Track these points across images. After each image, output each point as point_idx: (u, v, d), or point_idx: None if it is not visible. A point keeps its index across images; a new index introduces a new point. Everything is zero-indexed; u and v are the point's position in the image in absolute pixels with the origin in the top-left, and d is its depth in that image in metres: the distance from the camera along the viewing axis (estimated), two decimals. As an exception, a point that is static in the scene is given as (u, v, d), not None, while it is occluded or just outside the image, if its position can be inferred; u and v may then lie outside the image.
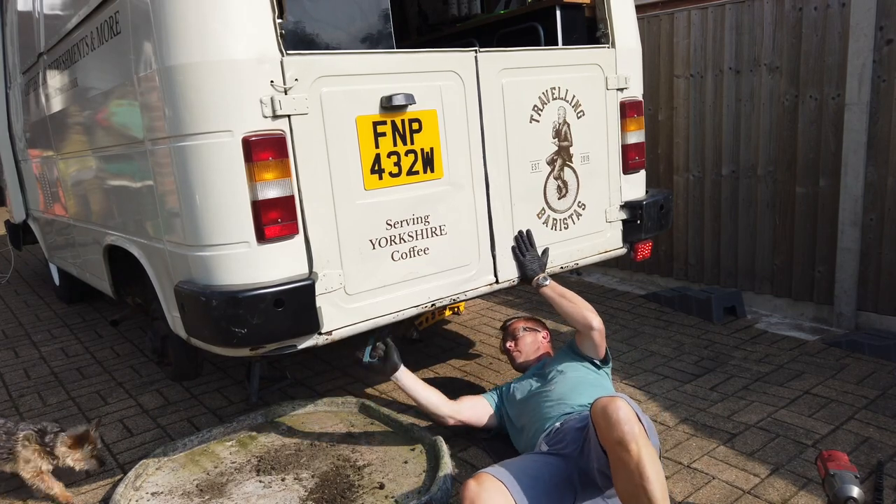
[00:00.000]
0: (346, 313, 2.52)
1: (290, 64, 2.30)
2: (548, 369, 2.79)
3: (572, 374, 2.67)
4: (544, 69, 3.00)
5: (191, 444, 2.92)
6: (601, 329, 2.70)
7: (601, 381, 2.69)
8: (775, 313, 4.25)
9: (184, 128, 2.27)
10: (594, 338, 2.70)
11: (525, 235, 3.02)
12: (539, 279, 2.95)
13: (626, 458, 1.83)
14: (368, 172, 2.53)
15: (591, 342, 2.72)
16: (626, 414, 1.86)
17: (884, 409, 2.96)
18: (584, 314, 2.72)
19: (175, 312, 2.58)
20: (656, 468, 1.82)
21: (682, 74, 4.48)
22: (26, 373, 4.11)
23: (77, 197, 3.86)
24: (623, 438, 1.83)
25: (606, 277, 5.32)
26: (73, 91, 3.37)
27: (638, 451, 1.81)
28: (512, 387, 2.85)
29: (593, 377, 2.69)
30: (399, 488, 2.52)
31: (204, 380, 3.78)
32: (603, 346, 2.74)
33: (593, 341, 2.71)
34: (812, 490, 2.41)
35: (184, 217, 2.38)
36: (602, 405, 1.93)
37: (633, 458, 1.81)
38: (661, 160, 4.71)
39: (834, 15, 3.71)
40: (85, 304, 5.54)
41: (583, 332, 2.73)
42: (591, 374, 2.71)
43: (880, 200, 3.69)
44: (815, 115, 3.88)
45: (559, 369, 2.72)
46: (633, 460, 1.81)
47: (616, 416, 1.86)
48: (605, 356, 2.78)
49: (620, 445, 1.84)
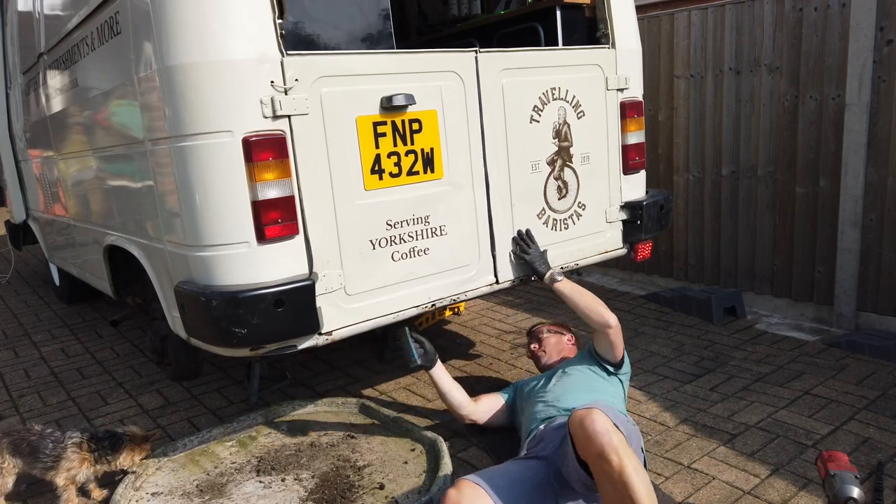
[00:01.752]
0: (346, 313, 2.52)
1: (290, 64, 2.30)
2: (558, 370, 2.76)
3: (573, 377, 2.64)
4: (544, 69, 3.00)
5: (191, 444, 2.92)
6: (617, 326, 2.62)
7: (601, 386, 2.61)
8: (775, 314, 4.25)
9: (184, 128, 2.27)
10: (610, 336, 2.62)
11: (525, 234, 3.01)
12: (553, 274, 2.88)
13: (608, 470, 1.81)
14: (368, 173, 2.53)
15: (607, 342, 2.64)
16: (603, 425, 1.84)
17: (884, 409, 2.96)
18: (599, 311, 2.65)
19: (175, 312, 2.58)
20: (640, 476, 1.79)
21: (682, 75, 4.48)
22: (26, 373, 4.11)
23: (77, 197, 3.86)
24: (603, 451, 1.81)
25: (606, 278, 5.32)
26: (73, 91, 3.37)
27: (620, 462, 1.78)
28: (528, 383, 2.83)
29: (596, 382, 2.62)
30: (399, 488, 2.52)
31: (204, 380, 3.78)
32: (620, 346, 2.66)
33: (609, 340, 2.63)
34: (812, 490, 2.41)
35: (184, 217, 2.38)
36: (579, 419, 1.90)
37: (616, 469, 1.79)
38: (661, 160, 4.71)
39: (834, 15, 3.71)
40: (85, 304, 5.54)
41: (599, 331, 2.66)
42: (595, 379, 2.64)
43: (880, 201, 3.68)
44: (816, 116, 3.88)
45: (566, 371, 2.70)
46: (616, 471, 1.79)
47: (593, 429, 1.84)
48: (621, 360, 2.69)
49: (601, 458, 1.82)
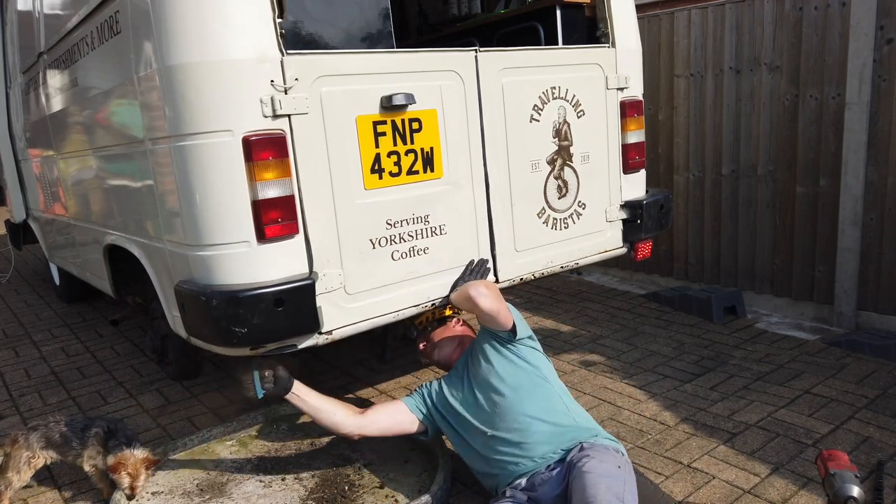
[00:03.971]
0: (346, 313, 2.52)
1: (290, 63, 2.30)
2: (467, 372, 2.52)
3: (493, 383, 2.39)
4: (544, 69, 3.00)
5: (191, 443, 2.92)
6: (485, 304, 2.38)
7: (520, 380, 2.38)
8: (775, 313, 4.25)
9: (184, 127, 2.27)
10: (485, 316, 2.41)
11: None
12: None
13: None
14: (368, 172, 2.53)
15: (487, 319, 2.43)
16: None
17: (884, 408, 2.96)
18: (467, 295, 2.44)
19: (175, 312, 2.58)
20: None
21: (682, 74, 4.48)
22: (27, 372, 4.11)
23: (77, 196, 3.86)
24: None
25: (606, 277, 5.32)
26: (73, 91, 3.37)
27: None
28: (443, 386, 2.55)
29: (514, 375, 2.39)
30: (399, 488, 2.52)
31: (204, 379, 3.78)
32: (500, 315, 2.39)
33: (486, 318, 2.42)
34: (812, 490, 2.41)
35: (184, 217, 2.38)
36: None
37: None
38: (662, 160, 4.71)
39: (834, 14, 3.71)
40: (85, 303, 5.54)
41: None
42: (510, 370, 2.40)
43: (880, 200, 3.68)
44: (816, 115, 3.88)
45: (480, 372, 2.44)
46: None
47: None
48: (513, 326, 2.42)
49: None
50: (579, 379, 3.49)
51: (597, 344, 3.97)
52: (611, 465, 2.12)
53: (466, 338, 2.73)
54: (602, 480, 2.02)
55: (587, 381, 3.46)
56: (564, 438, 2.26)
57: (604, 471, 2.07)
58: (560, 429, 2.28)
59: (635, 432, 2.92)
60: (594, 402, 3.21)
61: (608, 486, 2.01)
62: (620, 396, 3.26)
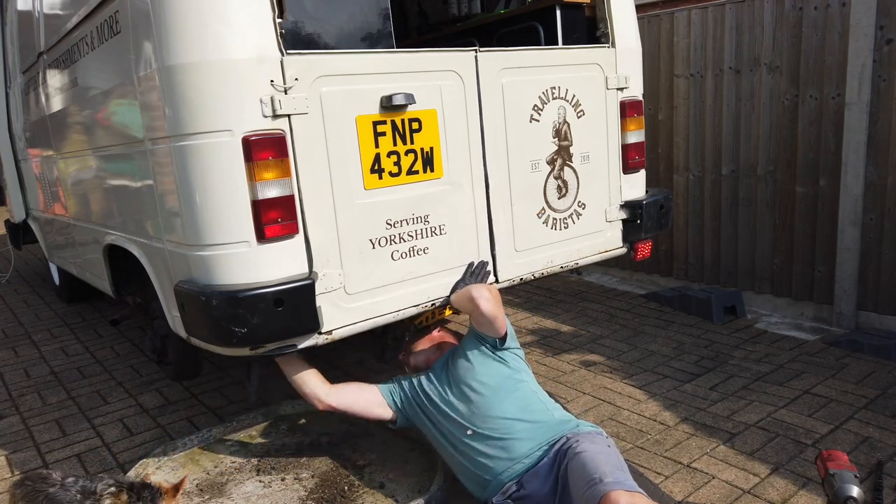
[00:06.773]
0: (346, 313, 2.52)
1: (290, 63, 2.30)
2: (445, 373, 2.55)
3: (488, 381, 2.42)
4: (544, 69, 3.00)
5: (191, 443, 2.92)
6: (484, 308, 2.42)
7: (501, 380, 2.42)
8: (775, 313, 4.25)
9: (184, 127, 2.27)
10: (483, 319, 2.46)
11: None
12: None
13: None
14: (368, 172, 2.53)
15: (483, 322, 2.48)
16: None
17: (883, 408, 2.96)
18: (470, 296, 2.48)
19: (175, 312, 2.58)
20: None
21: (682, 74, 4.48)
22: (26, 372, 4.11)
23: (77, 196, 3.86)
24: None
25: (606, 277, 5.32)
26: (73, 90, 3.37)
27: None
28: (422, 382, 2.59)
29: (506, 375, 2.45)
30: (399, 488, 2.52)
31: (204, 379, 3.78)
32: (495, 321, 2.43)
33: (484, 321, 2.47)
34: (812, 490, 2.41)
35: (184, 216, 2.38)
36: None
37: None
38: (661, 160, 4.71)
39: (834, 14, 3.71)
40: (85, 303, 5.54)
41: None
42: (504, 372, 2.46)
43: (880, 200, 3.69)
44: (815, 115, 3.88)
45: (459, 371, 2.48)
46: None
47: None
48: (504, 335, 2.48)
49: None
50: (579, 379, 3.49)
51: (597, 344, 3.97)
52: (601, 445, 2.19)
53: (446, 343, 2.80)
54: (599, 456, 2.09)
55: (587, 381, 3.46)
56: (545, 434, 2.30)
57: (597, 450, 2.14)
58: (539, 425, 2.32)
59: (635, 432, 2.92)
60: (594, 402, 3.21)
61: (606, 459, 2.08)
62: (620, 396, 3.27)
